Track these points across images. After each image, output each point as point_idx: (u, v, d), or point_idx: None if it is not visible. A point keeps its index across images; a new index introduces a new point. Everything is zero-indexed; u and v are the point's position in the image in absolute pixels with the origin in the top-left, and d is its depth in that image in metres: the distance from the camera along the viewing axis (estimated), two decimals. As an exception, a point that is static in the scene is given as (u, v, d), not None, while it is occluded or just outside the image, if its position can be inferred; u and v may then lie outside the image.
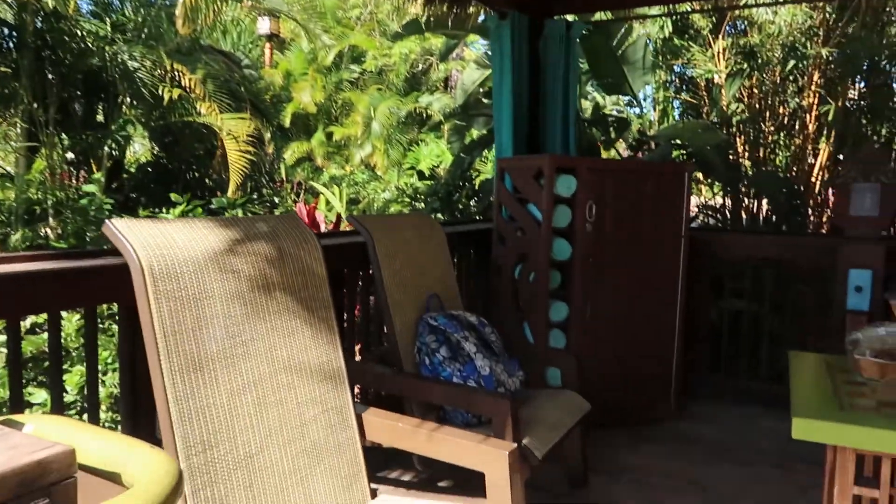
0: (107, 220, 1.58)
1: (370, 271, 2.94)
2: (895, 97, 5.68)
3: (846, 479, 1.63)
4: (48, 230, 7.66)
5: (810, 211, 5.63)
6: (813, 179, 5.66)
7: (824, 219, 5.68)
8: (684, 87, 6.38)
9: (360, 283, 3.07)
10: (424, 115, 12.39)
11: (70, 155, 9.99)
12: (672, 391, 3.52)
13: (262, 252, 1.82)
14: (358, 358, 2.96)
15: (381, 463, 2.80)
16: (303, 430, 1.80)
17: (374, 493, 1.93)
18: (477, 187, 5.87)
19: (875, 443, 1.55)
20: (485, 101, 6.04)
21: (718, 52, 5.77)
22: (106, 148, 9.36)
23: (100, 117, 9.97)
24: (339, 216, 7.66)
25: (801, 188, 5.53)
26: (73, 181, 9.84)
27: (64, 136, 9.35)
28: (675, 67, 6.34)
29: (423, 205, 6.21)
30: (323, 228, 6.21)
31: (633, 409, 3.46)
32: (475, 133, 6.36)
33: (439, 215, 5.63)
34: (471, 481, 2.02)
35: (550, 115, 3.90)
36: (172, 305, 1.57)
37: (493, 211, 3.55)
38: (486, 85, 5.94)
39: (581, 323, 3.29)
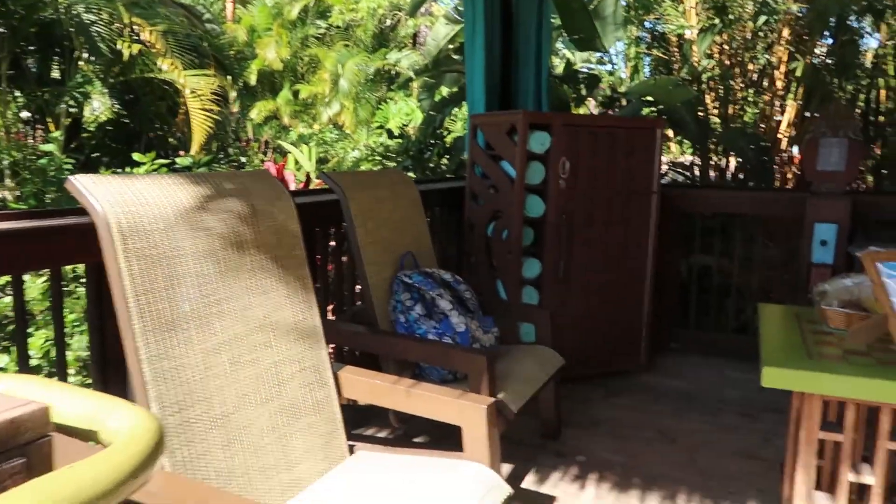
0: (71, 177, 1.52)
1: (343, 230, 2.91)
2: (860, 54, 5.73)
3: (812, 425, 1.69)
4: (5, 192, 7.40)
5: (776, 168, 5.70)
6: (780, 136, 5.72)
7: (789, 175, 5.77)
8: (656, 44, 6.35)
9: (333, 242, 3.04)
10: (393, 73, 12.17)
11: (25, 113, 9.61)
12: (642, 345, 3.59)
13: (234, 209, 1.78)
14: (331, 318, 2.95)
15: (357, 420, 2.82)
16: (280, 389, 1.79)
17: (351, 450, 1.95)
18: (448, 145, 5.81)
19: (842, 389, 1.60)
20: (455, 57, 5.93)
21: (690, 8, 5.74)
22: (63, 105, 9.02)
23: (56, 74, 9.58)
24: (308, 175, 7.54)
25: (769, 145, 5.59)
26: (31, 140, 9.49)
27: (18, 93, 8.98)
28: (646, 23, 6.29)
29: (393, 163, 6.13)
30: (293, 188, 6.11)
31: (605, 363, 3.53)
32: (445, 90, 6.26)
33: (411, 173, 5.57)
34: (445, 436, 2.05)
35: (523, 70, 3.85)
36: (143, 264, 1.53)
37: (467, 168, 3.52)
38: (457, 41, 5.82)
39: (554, 279, 3.31)
